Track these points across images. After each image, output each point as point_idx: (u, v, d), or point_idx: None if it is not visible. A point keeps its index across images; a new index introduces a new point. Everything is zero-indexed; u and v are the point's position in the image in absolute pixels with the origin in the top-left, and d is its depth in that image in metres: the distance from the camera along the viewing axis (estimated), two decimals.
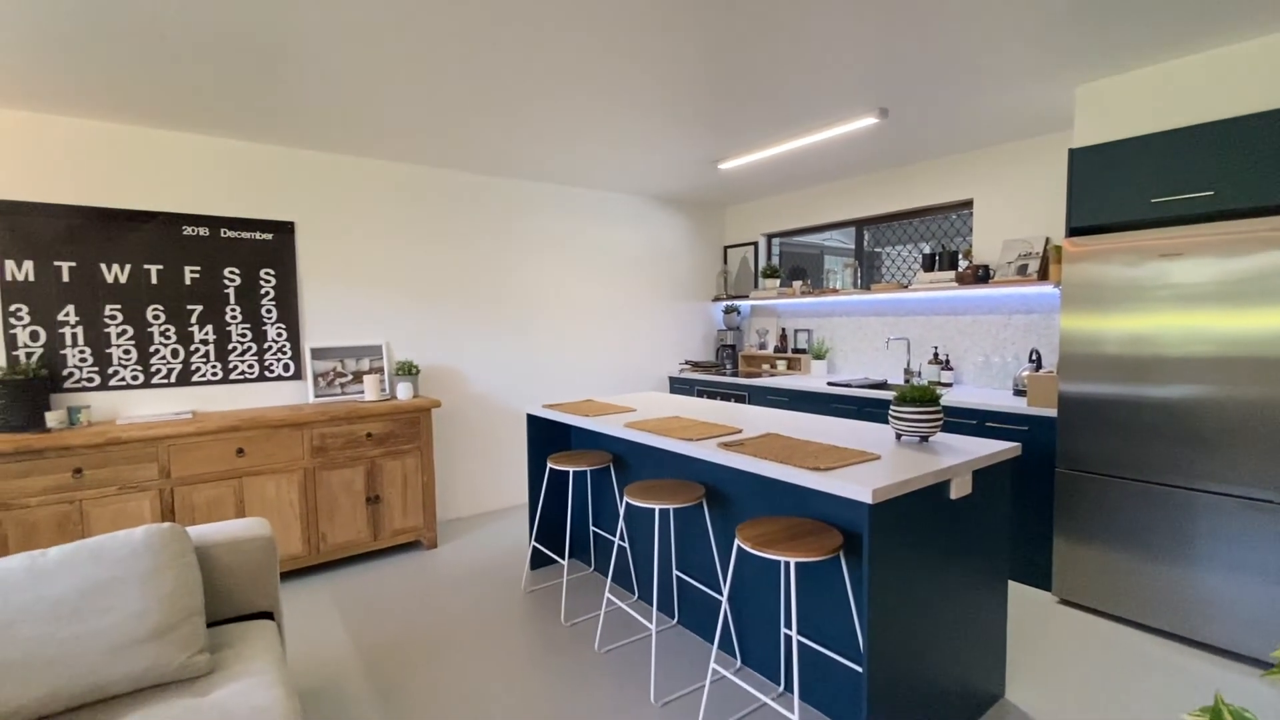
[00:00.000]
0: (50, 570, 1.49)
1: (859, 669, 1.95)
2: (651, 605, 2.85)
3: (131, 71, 2.46)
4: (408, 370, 3.78)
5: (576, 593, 3.03)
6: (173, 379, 3.26)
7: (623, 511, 2.57)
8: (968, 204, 3.92)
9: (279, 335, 3.55)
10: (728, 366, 5.15)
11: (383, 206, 3.88)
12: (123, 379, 3.14)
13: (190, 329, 3.30)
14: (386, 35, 2.20)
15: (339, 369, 3.72)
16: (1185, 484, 2.46)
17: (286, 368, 3.59)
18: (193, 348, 3.31)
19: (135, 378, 3.17)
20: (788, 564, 2.14)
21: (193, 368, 3.31)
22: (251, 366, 3.48)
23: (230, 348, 3.41)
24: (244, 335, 3.45)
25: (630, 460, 2.93)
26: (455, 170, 4.14)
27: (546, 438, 3.36)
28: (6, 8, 1.95)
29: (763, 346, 5.29)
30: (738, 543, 1.84)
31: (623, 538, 3.03)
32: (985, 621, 2.05)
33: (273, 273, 3.52)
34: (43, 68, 2.41)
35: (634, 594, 2.99)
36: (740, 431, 2.39)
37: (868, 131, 3.41)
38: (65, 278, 2.99)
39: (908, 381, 4.08)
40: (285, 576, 3.29)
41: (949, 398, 3.35)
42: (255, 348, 3.48)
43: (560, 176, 4.38)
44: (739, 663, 2.39)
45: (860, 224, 4.62)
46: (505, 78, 2.59)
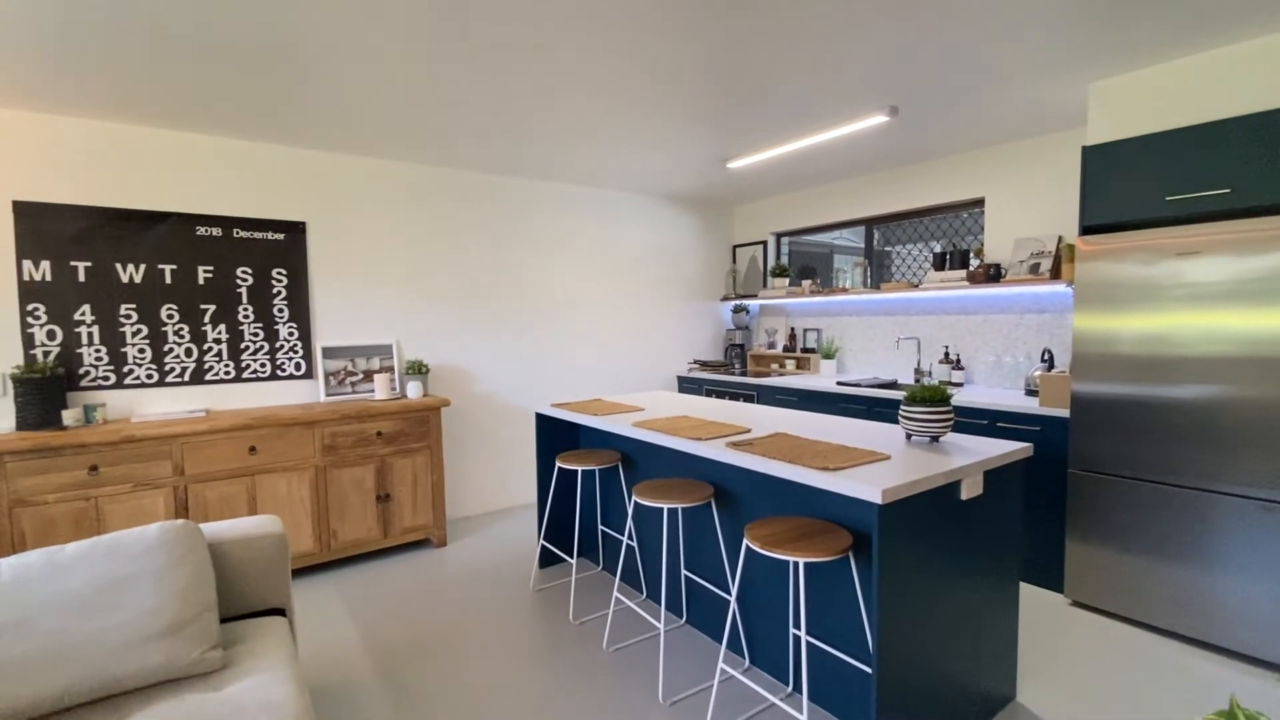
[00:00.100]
0: (67, 566, 1.51)
1: (868, 670, 1.94)
2: (660, 604, 2.85)
3: (146, 74, 2.49)
4: (418, 369, 3.80)
5: (585, 592, 3.04)
6: (186, 378, 3.30)
7: (631, 511, 2.58)
8: (979, 202, 3.89)
9: (290, 334, 3.58)
10: (736, 366, 5.14)
11: (393, 206, 3.91)
12: (137, 377, 3.18)
13: (203, 328, 3.33)
14: (395, 37, 2.21)
15: (350, 368, 3.74)
16: (1201, 485, 2.43)
17: (298, 366, 3.62)
18: (206, 347, 3.34)
19: (150, 376, 3.21)
20: (797, 564, 2.13)
21: (206, 366, 3.35)
22: (264, 365, 3.51)
23: (242, 347, 3.44)
24: (256, 334, 3.48)
25: (639, 459, 2.94)
26: (464, 170, 4.15)
27: (555, 437, 3.36)
28: (25, 12, 1.98)
29: (771, 346, 5.28)
30: (746, 542, 1.83)
31: (631, 537, 3.03)
32: (996, 623, 2.04)
33: (284, 272, 3.55)
34: (60, 71, 2.44)
35: (642, 593, 2.99)
36: (749, 431, 2.39)
37: (877, 130, 3.39)
38: (81, 277, 3.03)
39: (918, 381, 4.05)
40: (296, 573, 3.32)
41: (960, 398, 3.32)
42: (267, 347, 3.52)
43: (569, 176, 4.39)
44: (747, 663, 2.39)
45: (870, 223, 4.60)
46: (513, 78, 2.60)
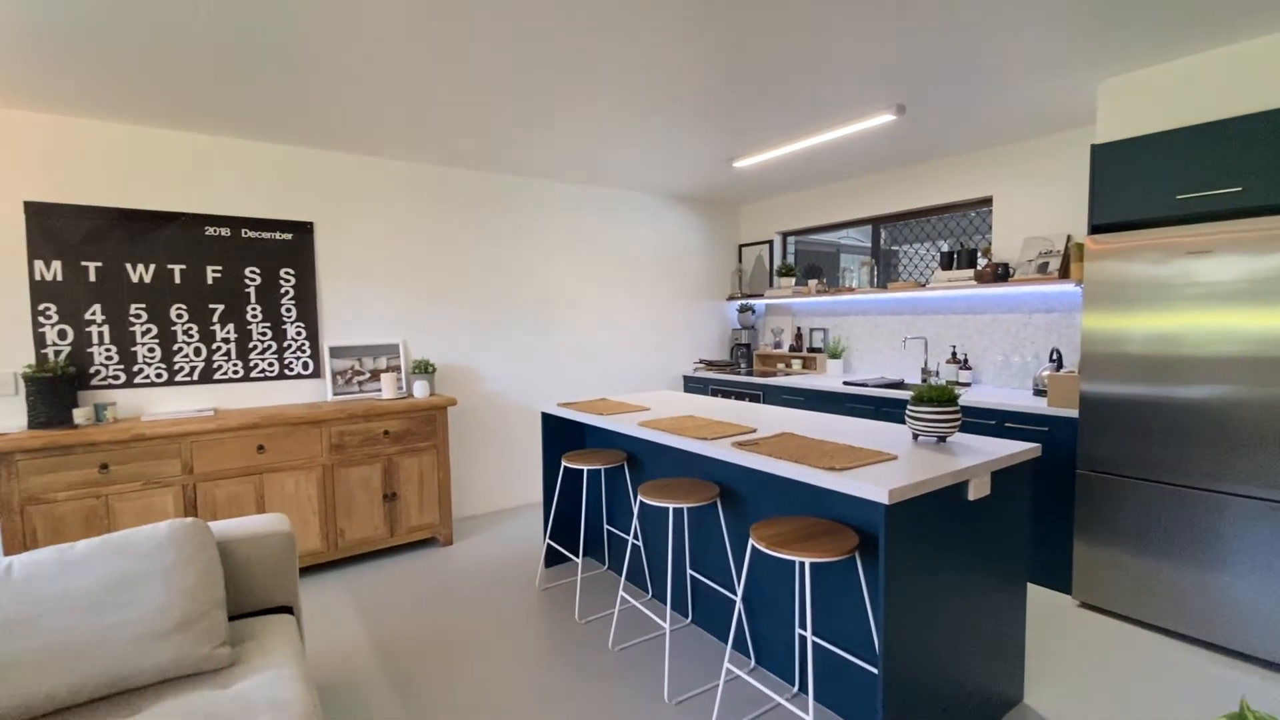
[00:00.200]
0: (78, 563, 1.53)
1: (874, 670, 1.94)
2: (665, 604, 2.85)
3: (155, 76, 2.51)
4: (424, 369, 3.81)
5: (590, 591, 3.04)
6: (195, 377, 3.32)
7: (636, 510, 2.58)
8: (987, 201, 3.87)
9: (298, 334, 3.60)
10: (742, 366, 5.13)
11: (400, 206, 3.92)
12: (147, 376, 3.20)
13: (212, 328, 3.35)
14: (400, 37, 2.22)
15: (357, 367, 3.76)
16: (1211, 486, 2.41)
17: (306, 366, 3.64)
18: (214, 346, 3.36)
19: (159, 375, 3.23)
20: (803, 564, 2.13)
21: (214, 366, 3.37)
22: (271, 365, 3.53)
23: (251, 346, 3.46)
24: (264, 334, 3.50)
25: (644, 459, 2.94)
26: (470, 170, 4.16)
27: (561, 436, 3.37)
28: (35, 14, 2.00)
29: (778, 345, 5.26)
30: (752, 542, 1.83)
31: (637, 536, 3.04)
32: (1003, 624, 2.02)
33: (292, 272, 3.57)
34: (70, 73, 2.46)
35: (648, 593, 2.99)
36: (755, 431, 2.38)
37: (885, 128, 3.37)
38: (92, 277, 3.05)
39: (925, 381, 4.03)
40: (304, 572, 3.34)
41: (967, 398, 3.31)
42: (275, 346, 3.54)
43: (575, 176, 4.39)
44: (753, 662, 2.38)
45: (877, 222, 4.58)
46: (519, 77, 2.60)
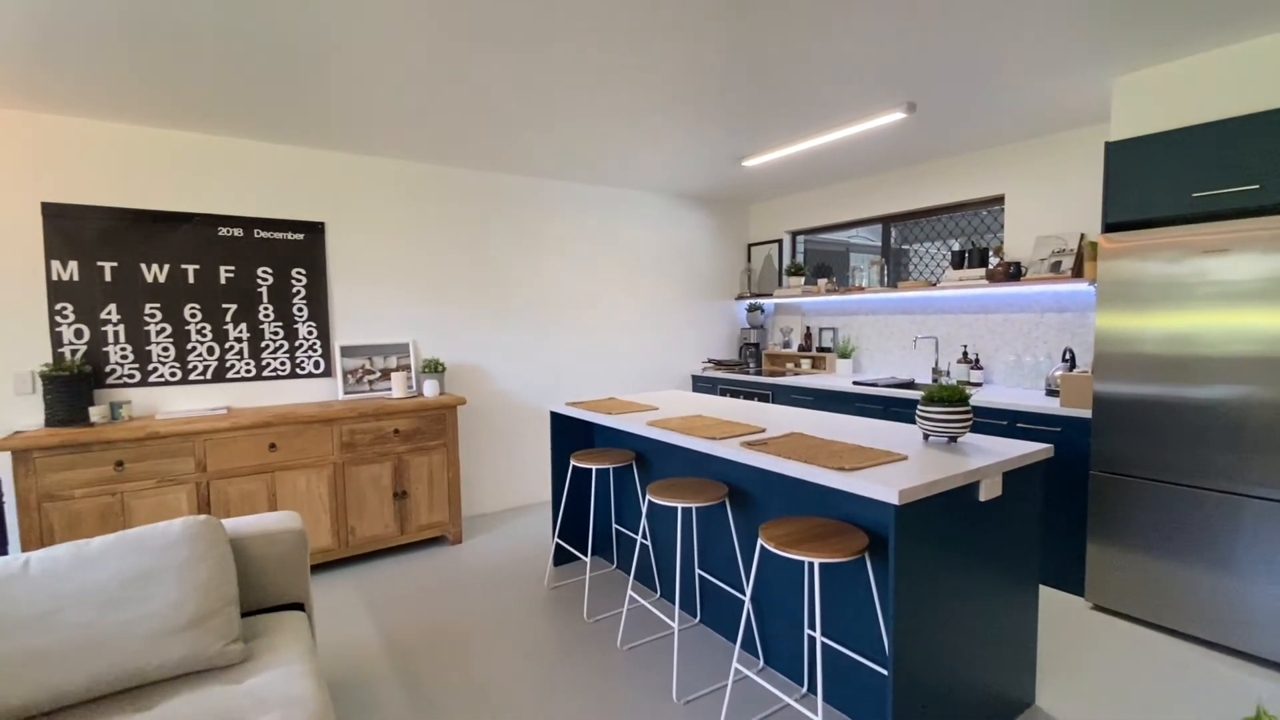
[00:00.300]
0: (94, 559, 1.55)
1: (884, 672, 1.93)
2: (674, 604, 2.85)
3: (169, 78, 2.54)
4: (434, 368, 3.83)
5: (599, 590, 3.05)
6: (208, 375, 3.36)
7: (645, 510, 2.58)
8: (999, 200, 3.84)
9: (309, 333, 3.63)
10: (751, 365, 5.12)
11: (410, 206, 3.94)
12: (161, 375, 3.24)
13: (225, 327, 3.39)
14: (411, 38, 2.23)
15: (367, 366, 3.79)
16: (1227, 488, 2.37)
17: (317, 365, 3.66)
18: (227, 345, 3.40)
19: (173, 374, 3.27)
20: (812, 564, 2.12)
21: (227, 365, 3.40)
22: (283, 364, 3.56)
23: (263, 345, 3.50)
24: (276, 333, 3.53)
25: (653, 458, 2.94)
26: (480, 170, 4.18)
27: (570, 435, 3.38)
28: (56, 21, 2.02)
29: (787, 345, 5.25)
30: (761, 542, 1.83)
31: (645, 536, 3.04)
32: (1015, 626, 2.01)
33: (303, 272, 3.60)
34: (86, 76, 2.49)
35: (656, 592, 2.99)
36: (764, 431, 2.38)
37: (895, 126, 3.35)
38: (107, 277, 3.09)
39: (936, 381, 4.00)
40: (315, 569, 3.37)
41: (978, 398, 3.28)
42: (287, 345, 3.57)
43: (584, 175, 4.39)
44: (761, 663, 2.38)
45: (887, 221, 4.55)
46: (527, 77, 2.61)
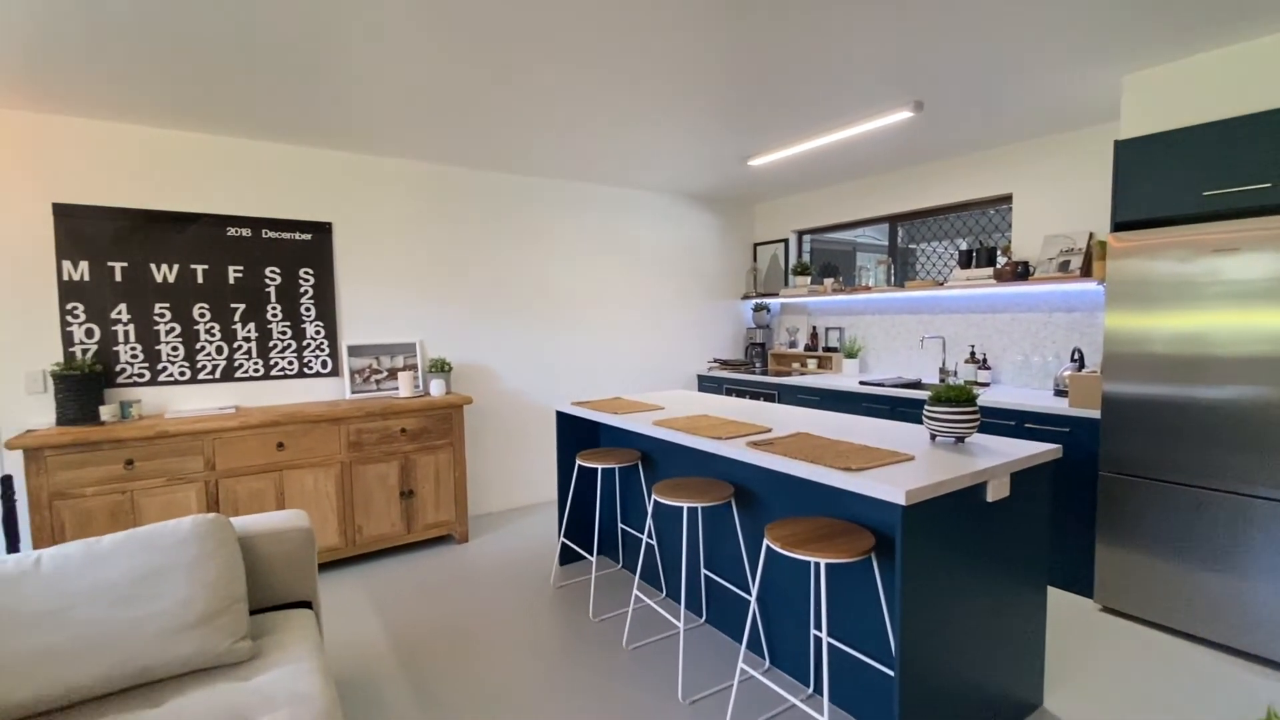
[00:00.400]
0: (105, 557, 1.56)
1: (891, 673, 1.92)
2: (679, 603, 2.85)
3: (179, 80, 2.55)
4: (441, 367, 3.84)
5: (604, 589, 3.05)
6: (217, 375, 3.38)
7: (650, 509, 2.57)
8: (1006, 199, 3.82)
9: (317, 333, 3.65)
10: (757, 365, 5.11)
11: (416, 206, 3.95)
12: (171, 375, 3.26)
13: (233, 326, 3.41)
14: (419, 39, 2.23)
15: (374, 366, 3.80)
16: (1237, 489, 2.35)
17: (324, 364, 3.68)
18: (236, 345, 3.42)
19: (182, 373, 3.29)
20: (818, 565, 2.12)
21: (236, 364, 3.42)
22: (291, 363, 3.58)
23: (271, 345, 3.52)
24: (284, 333, 3.55)
25: (658, 458, 2.94)
26: (486, 171, 4.19)
27: (576, 435, 3.38)
28: (66, 24, 2.04)
29: (793, 345, 5.23)
30: (767, 542, 1.82)
31: (651, 535, 3.04)
32: (1022, 627, 2.00)
33: (311, 272, 3.62)
34: (97, 78, 2.51)
35: (662, 592, 2.99)
36: (770, 430, 2.37)
37: (902, 125, 3.34)
38: (118, 277, 3.12)
39: (943, 381, 3.99)
40: (322, 567, 3.38)
41: (986, 398, 3.26)
42: (295, 345, 3.59)
43: (591, 175, 4.40)
44: (767, 663, 2.38)
45: (894, 220, 4.53)
46: (533, 77, 2.61)
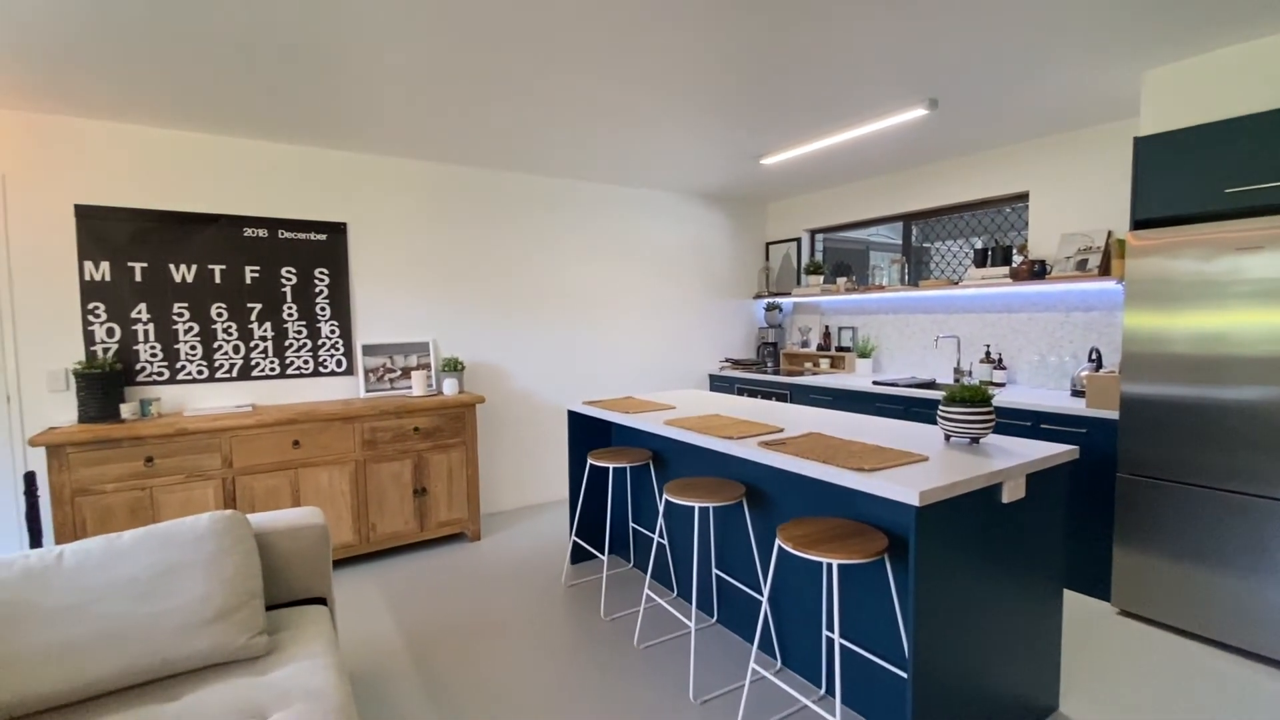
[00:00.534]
0: (125, 553, 1.59)
1: (904, 675, 1.91)
2: (690, 603, 2.84)
3: (196, 83, 2.59)
4: (453, 367, 3.87)
5: (616, 588, 3.05)
6: (234, 374, 3.42)
7: (662, 509, 2.58)
8: (1023, 197, 3.77)
9: (332, 332, 3.69)
10: (769, 364, 5.09)
11: (430, 207, 3.98)
12: (189, 373, 3.31)
13: (250, 326, 3.45)
14: (431, 41, 2.25)
15: (388, 365, 3.83)
16: (1260, 492, 2.31)
17: (339, 363, 3.72)
18: (252, 344, 3.46)
19: (200, 372, 3.34)
20: (830, 565, 2.11)
21: (252, 363, 3.47)
22: (306, 362, 3.62)
23: (287, 344, 3.56)
24: (300, 332, 3.59)
25: (670, 458, 2.93)
26: (499, 171, 4.20)
27: (587, 434, 3.39)
28: (88, 29, 2.08)
29: (805, 344, 5.21)
30: (779, 543, 1.82)
31: (662, 535, 3.04)
32: (1038, 630, 1.97)
33: (326, 272, 3.65)
34: (116, 81, 2.56)
35: (673, 591, 2.99)
36: (782, 430, 2.36)
37: (916, 123, 3.31)
38: (138, 277, 3.17)
39: (958, 381, 3.95)
40: (337, 564, 3.42)
41: (1001, 398, 3.23)
42: (310, 344, 3.63)
43: (602, 175, 4.40)
44: (779, 664, 2.37)
45: (908, 219, 4.49)
46: (545, 78, 2.62)
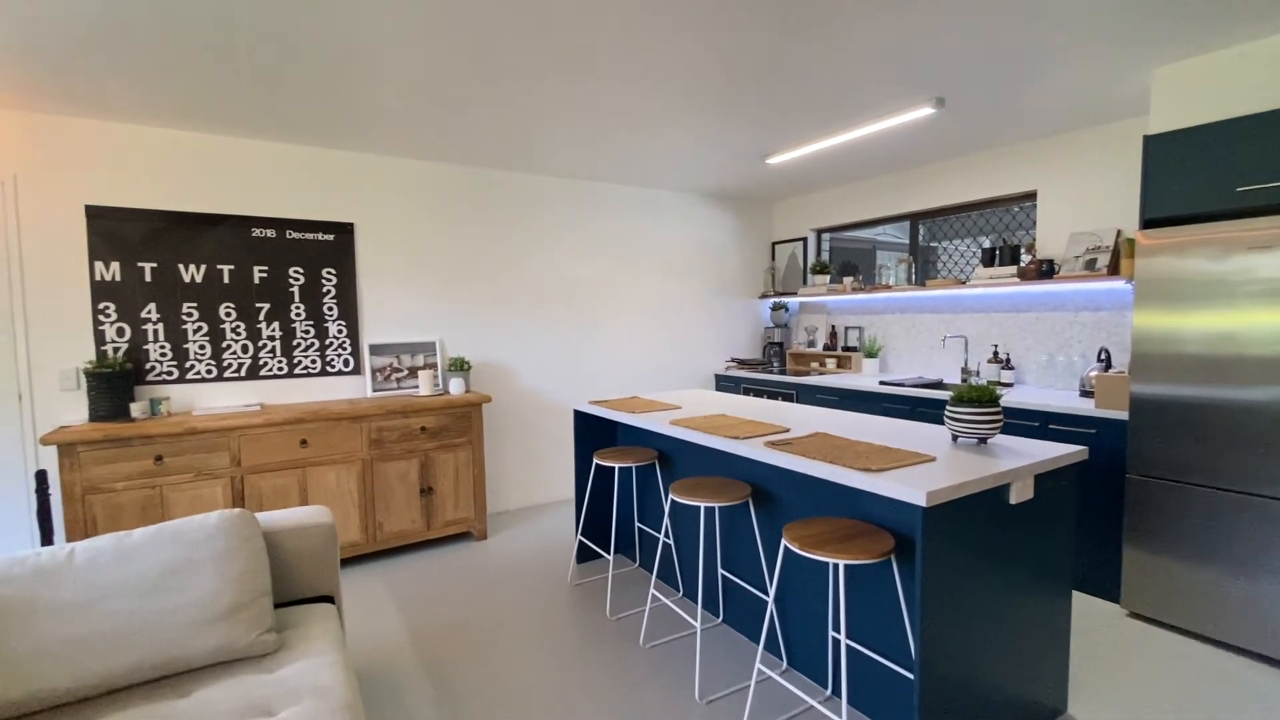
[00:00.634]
0: (135, 550, 1.60)
1: (910, 676, 1.90)
2: (696, 603, 2.84)
3: (206, 85, 2.61)
4: (460, 366, 3.88)
5: (621, 588, 3.06)
6: (242, 373, 3.45)
7: (668, 509, 2.58)
8: (1031, 196, 3.75)
9: (339, 332, 3.71)
10: (775, 364, 5.08)
11: (437, 207, 3.99)
12: (198, 372, 3.34)
13: (258, 326, 3.48)
14: (437, 42, 2.26)
15: (395, 364, 3.85)
16: (1271, 493, 2.28)
17: (346, 363, 3.74)
18: (260, 343, 3.49)
19: (209, 371, 3.36)
20: (836, 566, 2.10)
21: (260, 362, 3.49)
22: (314, 361, 3.64)
23: (294, 344, 3.58)
24: (307, 332, 3.61)
25: (676, 457, 2.93)
26: (506, 171, 4.21)
27: (593, 434, 3.39)
28: (98, 31, 2.10)
29: (811, 344, 5.19)
30: (785, 543, 1.81)
31: (668, 535, 3.04)
32: (1047, 632, 1.96)
33: (334, 272, 3.67)
34: (127, 83, 2.58)
35: (679, 591, 2.99)
36: (788, 430, 2.36)
37: (923, 122, 3.30)
38: (147, 278, 3.20)
39: (965, 381, 3.93)
40: (344, 563, 3.44)
41: (1009, 398, 3.21)
42: (317, 344, 3.65)
43: (608, 175, 4.40)
44: (785, 664, 2.36)
45: (915, 218, 4.48)
46: (551, 79, 2.62)
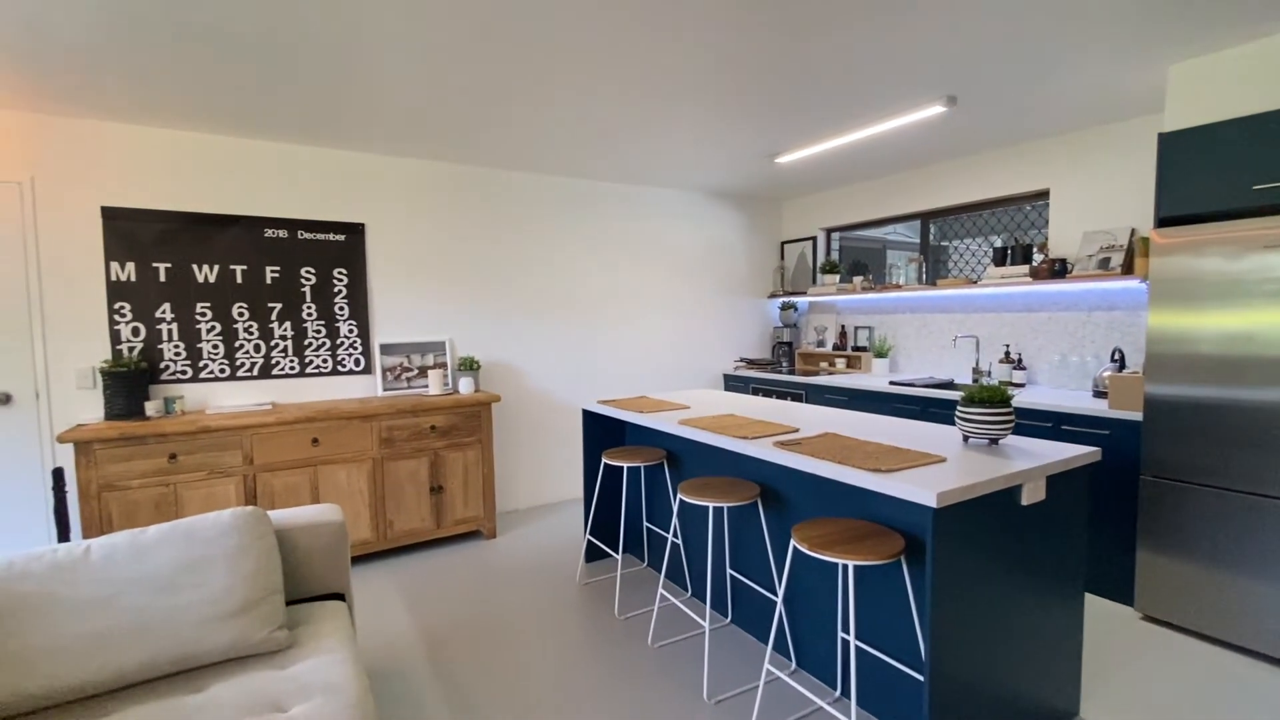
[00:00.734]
0: (150, 547, 1.62)
1: (920, 677, 1.89)
2: (705, 603, 2.84)
3: (220, 87, 2.64)
4: (470, 366, 3.90)
5: (630, 587, 3.06)
6: (255, 372, 3.48)
7: (676, 508, 2.58)
8: (1043, 194, 3.71)
9: (350, 331, 3.74)
10: (784, 364, 5.07)
11: (447, 207, 4.01)
12: (211, 372, 3.37)
13: (270, 325, 3.51)
14: (446, 42, 2.27)
15: (405, 364, 3.87)
16: None
17: (357, 362, 3.77)
18: (273, 343, 3.52)
19: (222, 370, 3.40)
20: (846, 567, 2.09)
21: (273, 362, 3.52)
22: (325, 361, 3.67)
23: (306, 343, 3.61)
24: (319, 331, 3.64)
25: (684, 457, 2.93)
26: (515, 171, 4.23)
27: (602, 433, 3.39)
28: (113, 34, 2.13)
29: (821, 344, 5.17)
30: (794, 544, 1.81)
31: (676, 534, 3.04)
32: (1058, 634, 1.95)
33: (345, 272, 3.70)
34: (141, 85, 2.61)
35: (687, 591, 2.99)
36: (797, 430, 2.35)
37: (934, 120, 3.27)
38: (162, 278, 3.23)
39: (976, 381, 3.90)
40: (354, 561, 3.46)
41: (1021, 399, 3.18)
42: (329, 343, 3.68)
43: (618, 175, 4.41)
44: (794, 665, 2.36)
45: (926, 217, 4.45)
46: (560, 78, 2.63)
